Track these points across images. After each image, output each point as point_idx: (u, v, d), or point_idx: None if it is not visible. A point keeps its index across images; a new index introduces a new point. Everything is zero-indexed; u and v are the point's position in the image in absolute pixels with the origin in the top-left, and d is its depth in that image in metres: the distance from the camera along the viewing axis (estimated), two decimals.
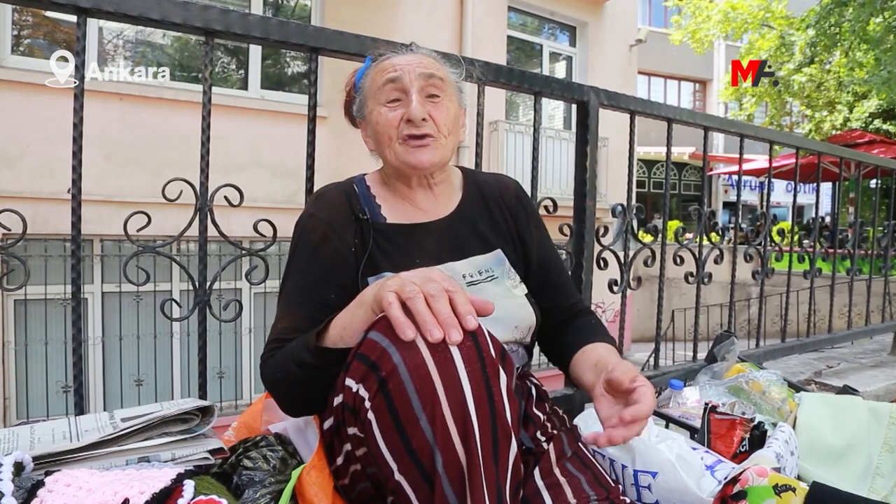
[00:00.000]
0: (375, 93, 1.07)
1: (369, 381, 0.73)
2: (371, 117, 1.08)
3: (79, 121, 1.14)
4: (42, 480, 0.76)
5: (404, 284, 0.73)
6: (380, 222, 1.08)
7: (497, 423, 0.71)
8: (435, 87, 1.06)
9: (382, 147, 1.08)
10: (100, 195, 4.44)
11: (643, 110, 1.91)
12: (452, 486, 0.69)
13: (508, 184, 1.25)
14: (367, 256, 1.04)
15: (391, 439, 0.72)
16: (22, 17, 5.00)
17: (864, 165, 2.95)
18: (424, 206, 1.13)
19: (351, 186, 1.13)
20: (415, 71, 1.05)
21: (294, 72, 6.44)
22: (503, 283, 1.11)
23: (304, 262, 1.04)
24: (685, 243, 2.07)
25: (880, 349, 3.27)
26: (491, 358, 0.73)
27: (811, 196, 12.98)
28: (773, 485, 0.95)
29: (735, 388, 1.53)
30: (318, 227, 1.05)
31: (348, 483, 0.89)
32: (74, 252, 1.16)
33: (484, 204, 1.19)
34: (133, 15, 1.13)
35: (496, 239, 1.16)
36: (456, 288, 0.74)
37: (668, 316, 8.01)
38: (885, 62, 9.50)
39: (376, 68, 1.09)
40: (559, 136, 7.86)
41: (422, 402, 0.69)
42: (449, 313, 0.71)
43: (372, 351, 0.73)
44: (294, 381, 0.91)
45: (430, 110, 1.04)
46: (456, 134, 1.10)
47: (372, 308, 0.80)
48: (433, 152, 1.05)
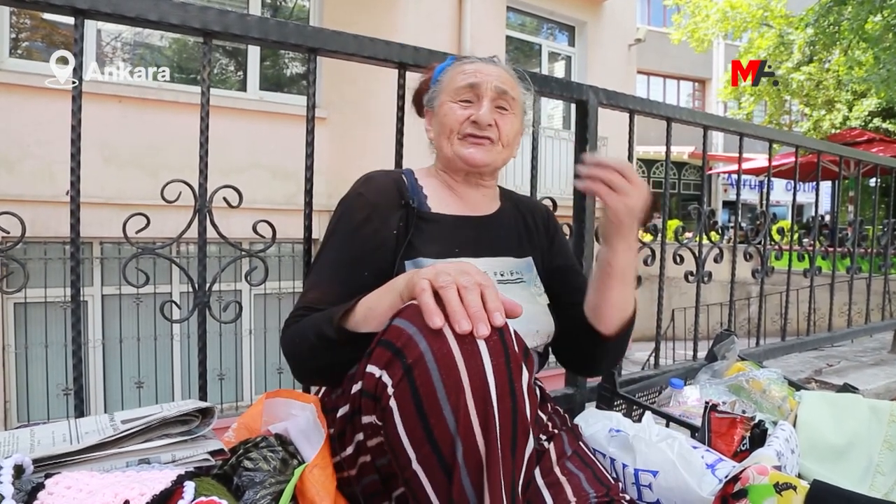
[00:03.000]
0: (452, 90, 1.13)
1: (394, 367, 0.73)
2: (441, 109, 1.14)
3: (77, 123, 1.14)
4: (42, 483, 0.76)
5: (438, 274, 0.74)
6: (425, 210, 1.12)
7: (517, 419, 0.72)
8: (506, 102, 1.13)
9: (442, 138, 1.13)
10: (99, 198, 4.43)
11: (642, 109, 1.91)
12: (471, 478, 0.69)
13: (541, 206, 1.35)
14: (408, 242, 1.06)
15: (412, 427, 0.72)
16: (20, 20, 5.00)
17: (863, 164, 2.96)
18: (469, 202, 1.17)
19: (399, 175, 1.17)
20: (493, 83, 1.11)
21: (293, 73, 6.44)
22: (529, 288, 1.14)
23: (344, 238, 1.06)
24: (685, 242, 2.07)
25: (880, 347, 3.28)
26: (515, 354, 0.73)
27: (811, 194, 12.96)
28: (773, 483, 0.95)
29: (735, 386, 1.53)
30: (364, 206, 1.08)
31: (355, 474, 0.90)
32: (74, 254, 1.16)
33: (521, 215, 1.25)
34: (130, 16, 1.13)
35: (529, 247, 1.21)
36: (488, 283, 0.75)
37: (669, 315, 8.00)
38: (884, 61, 9.50)
39: (458, 68, 1.15)
40: (558, 135, 7.84)
41: (447, 390, 0.69)
42: (479, 307, 0.72)
43: (398, 338, 0.74)
44: (310, 350, 0.94)
45: (496, 118, 1.11)
46: (512, 148, 1.17)
47: (401, 295, 0.81)
48: (487, 153, 1.12)
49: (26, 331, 4.85)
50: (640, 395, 1.63)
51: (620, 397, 1.56)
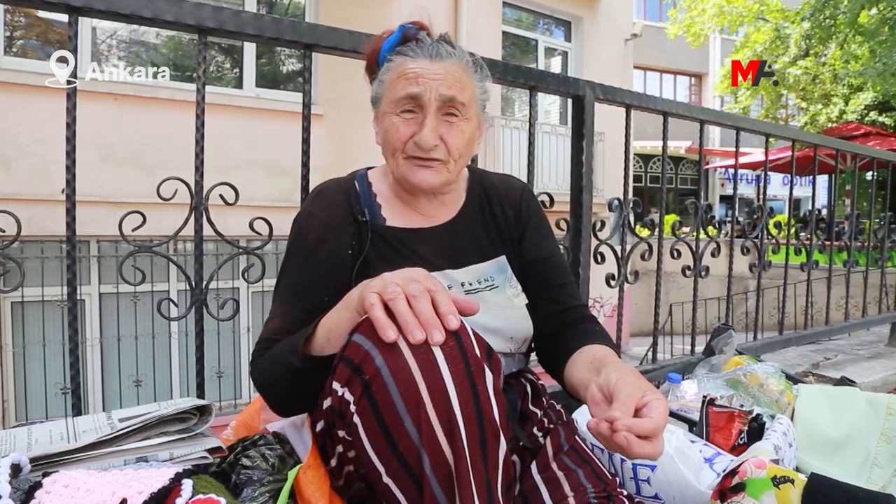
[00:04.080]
0: (393, 100, 1.02)
1: (354, 384, 0.73)
2: (384, 120, 1.04)
3: (72, 121, 1.14)
4: (40, 482, 0.75)
5: (386, 285, 0.73)
6: (379, 224, 1.06)
7: (484, 422, 0.71)
8: (455, 109, 1.01)
9: (387, 154, 1.05)
10: (96, 196, 4.42)
11: (639, 104, 1.90)
12: (441, 487, 0.69)
13: (516, 185, 1.22)
14: (363, 259, 1.03)
15: (377, 442, 0.72)
16: (14, 18, 4.97)
17: (860, 157, 2.95)
18: (426, 211, 1.10)
19: (352, 184, 1.10)
20: (437, 90, 0.99)
21: (289, 70, 6.43)
22: (503, 291, 1.09)
23: (300, 262, 1.03)
24: (682, 237, 2.07)
25: (877, 340, 3.28)
26: (475, 357, 0.72)
27: (808, 188, 12.97)
28: (771, 476, 0.95)
29: (733, 380, 1.54)
30: (315, 227, 1.04)
31: (343, 484, 0.89)
32: (70, 253, 1.16)
33: (488, 206, 1.16)
34: (125, 13, 1.13)
35: (498, 243, 1.13)
36: (438, 288, 0.74)
37: (666, 310, 8.01)
38: (880, 54, 9.52)
39: (399, 68, 1.02)
40: (555, 131, 7.85)
41: (406, 404, 0.69)
42: (431, 314, 0.71)
43: (355, 354, 0.73)
44: (284, 383, 0.91)
45: (443, 133, 1.00)
46: (468, 155, 1.07)
47: (357, 310, 0.79)
48: (437, 175, 1.02)
49: (24, 330, 4.85)
50: None
51: None
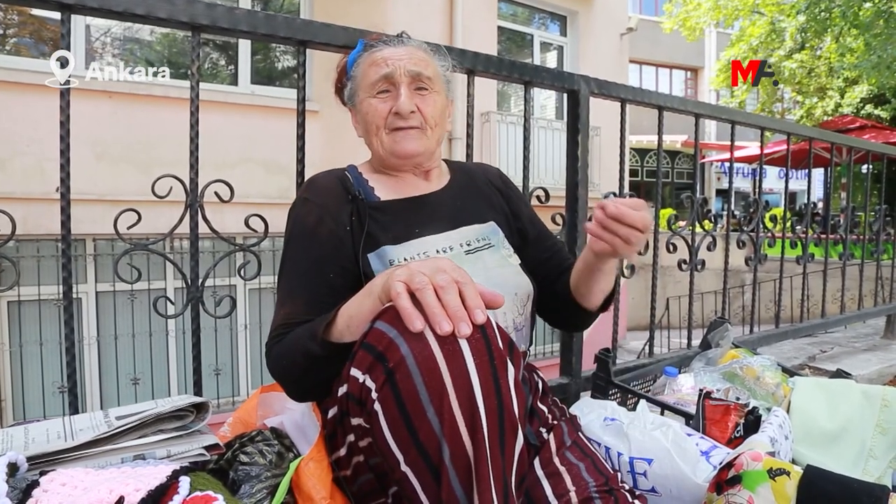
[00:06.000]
0: (367, 85, 1.10)
1: (376, 371, 0.73)
2: (362, 107, 1.12)
3: (66, 119, 1.13)
4: (37, 480, 0.75)
5: (413, 275, 0.72)
6: (374, 200, 1.10)
7: (504, 416, 0.71)
8: (423, 83, 1.10)
9: (371, 136, 1.12)
10: (92, 194, 4.41)
11: (634, 98, 1.90)
12: (459, 478, 0.69)
13: (491, 168, 1.32)
14: (366, 234, 1.04)
15: (398, 431, 0.71)
16: (7, 16, 4.95)
17: (855, 151, 2.96)
18: (417, 185, 1.16)
19: (342, 172, 1.15)
20: (405, 67, 1.08)
21: (284, 66, 6.41)
22: (500, 251, 1.14)
23: (302, 245, 1.04)
24: (678, 231, 2.08)
25: (873, 333, 3.30)
26: (499, 350, 0.72)
27: (803, 182, 12.99)
28: (767, 469, 0.96)
29: (729, 373, 1.54)
30: (312, 210, 1.06)
31: (350, 475, 0.89)
32: (65, 251, 1.16)
33: (473, 183, 1.24)
34: (118, 10, 1.12)
35: (489, 211, 1.20)
36: (466, 280, 0.73)
37: (663, 304, 8.04)
38: (875, 47, 9.53)
39: (368, 60, 1.11)
40: (551, 126, 7.84)
41: (430, 393, 0.69)
42: (459, 306, 0.70)
43: (379, 341, 0.73)
44: (301, 370, 0.92)
45: (417, 103, 1.09)
46: (443, 125, 1.15)
47: (380, 298, 0.79)
48: (418, 142, 1.10)
49: (20, 329, 4.84)
50: (635, 383, 1.63)
51: (615, 386, 1.57)
